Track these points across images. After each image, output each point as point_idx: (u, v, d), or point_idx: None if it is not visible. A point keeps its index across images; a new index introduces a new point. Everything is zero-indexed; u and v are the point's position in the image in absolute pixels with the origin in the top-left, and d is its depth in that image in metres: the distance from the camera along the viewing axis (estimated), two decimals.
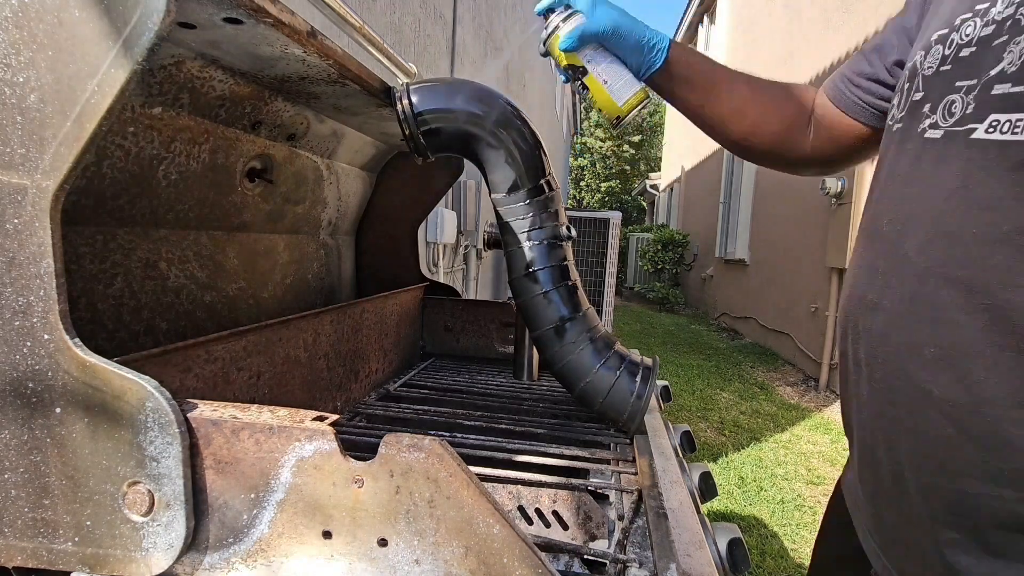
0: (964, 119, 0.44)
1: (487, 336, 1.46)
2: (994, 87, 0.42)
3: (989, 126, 0.42)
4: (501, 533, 0.41)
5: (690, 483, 0.80)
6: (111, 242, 0.69)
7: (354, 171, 1.23)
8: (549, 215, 0.91)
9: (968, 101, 0.44)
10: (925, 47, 0.51)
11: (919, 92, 0.50)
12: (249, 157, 0.87)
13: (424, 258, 2.76)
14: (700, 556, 0.59)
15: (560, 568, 0.59)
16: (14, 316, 0.41)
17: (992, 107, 0.42)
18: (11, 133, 0.40)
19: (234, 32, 0.58)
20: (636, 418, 0.89)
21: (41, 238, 0.40)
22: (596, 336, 0.92)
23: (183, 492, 0.42)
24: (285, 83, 0.77)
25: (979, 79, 0.43)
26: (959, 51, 0.46)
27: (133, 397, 0.42)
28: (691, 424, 3.62)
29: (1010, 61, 0.41)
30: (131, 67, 0.39)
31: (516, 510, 0.70)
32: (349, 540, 0.43)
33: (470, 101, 0.84)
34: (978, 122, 0.43)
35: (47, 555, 0.45)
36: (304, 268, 1.14)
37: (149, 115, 0.68)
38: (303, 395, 0.89)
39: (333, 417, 0.44)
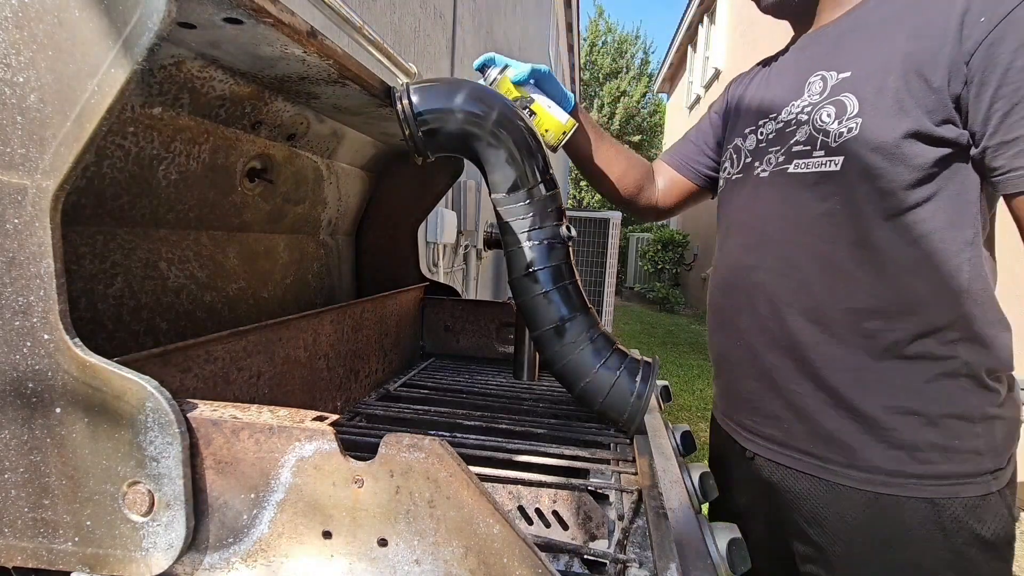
0: (779, 165, 0.80)
1: (487, 336, 1.46)
2: (793, 148, 0.78)
3: (794, 167, 0.78)
4: (501, 533, 0.41)
5: (690, 483, 0.80)
6: (111, 242, 0.69)
7: (354, 171, 1.23)
8: (549, 215, 0.91)
9: (780, 157, 0.80)
10: (741, 136, 0.89)
11: (748, 157, 0.86)
12: (249, 157, 0.87)
13: (424, 258, 2.76)
14: (700, 556, 0.59)
15: (560, 568, 0.59)
16: (14, 316, 0.41)
17: (794, 157, 0.78)
18: (11, 133, 0.40)
19: (234, 32, 0.58)
20: (636, 418, 0.89)
21: (41, 238, 0.40)
22: (596, 336, 0.92)
23: (183, 492, 0.42)
24: (285, 83, 0.77)
25: (783, 146, 0.80)
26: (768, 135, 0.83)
27: (133, 397, 0.42)
28: (691, 424, 3.62)
29: (797, 139, 0.78)
30: (131, 67, 0.39)
31: (516, 510, 0.70)
32: (349, 540, 0.43)
33: (470, 101, 0.84)
34: (788, 165, 0.78)
35: (47, 555, 0.45)
36: (304, 268, 1.14)
37: (149, 115, 0.68)
38: (303, 395, 0.89)
39: (333, 417, 0.44)
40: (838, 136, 0.71)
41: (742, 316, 0.83)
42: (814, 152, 0.74)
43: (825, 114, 0.73)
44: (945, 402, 0.69)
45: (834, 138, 0.72)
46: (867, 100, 0.69)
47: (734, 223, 0.87)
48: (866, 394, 0.72)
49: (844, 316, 0.72)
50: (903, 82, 0.66)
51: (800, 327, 0.75)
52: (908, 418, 0.70)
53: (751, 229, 0.83)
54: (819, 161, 0.73)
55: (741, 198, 0.86)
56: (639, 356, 0.96)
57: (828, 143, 0.72)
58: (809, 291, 0.74)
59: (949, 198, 0.67)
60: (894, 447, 0.70)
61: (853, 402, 0.72)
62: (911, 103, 0.65)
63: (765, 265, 0.80)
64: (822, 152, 0.73)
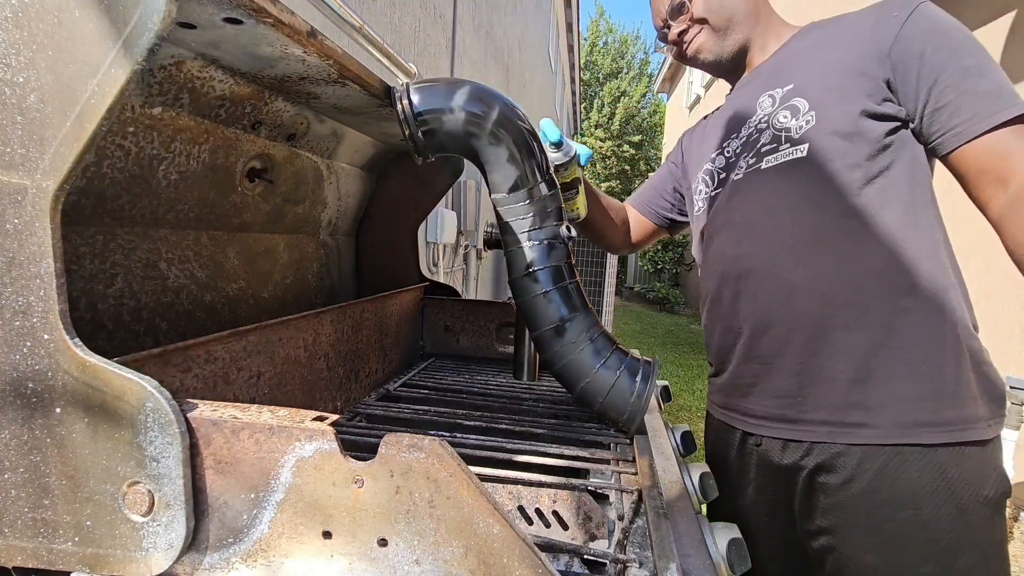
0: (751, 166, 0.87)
1: (487, 336, 1.46)
2: (761, 150, 0.86)
3: (765, 163, 0.85)
4: (501, 533, 0.41)
5: (690, 483, 0.80)
6: (111, 242, 0.69)
7: (354, 171, 1.23)
8: (549, 215, 0.91)
9: (750, 160, 0.87)
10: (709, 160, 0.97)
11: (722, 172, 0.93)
12: (249, 157, 0.87)
13: (424, 258, 2.76)
14: (700, 556, 0.59)
15: (560, 568, 0.59)
16: (14, 316, 0.41)
17: (763, 156, 0.85)
18: (11, 133, 0.40)
19: (234, 32, 0.58)
20: (636, 418, 0.89)
21: (41, 238, 0.40)
22: (596, 336, 0.92)
23: (183, 492, 0.42)
24: (285, 83, 0.77)
25: (750, 151, 0.88)
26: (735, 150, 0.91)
27: (133, 397, 0.42)
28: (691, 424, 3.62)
29: (762, 142, 0.86)
30: (131, 67, 0.39)
31: (516, 510, 0.70)
32: (349, 540, 0.43)
33: (470, 101, 0.84)
34: (759, 163, 0.86)
35: (47, 555, 0.45)
36: (304, 268, 1.14)
37: (149, 115, 0.68)
38: (303, 395, 0.89)
39: (333, 417, 0.44)
40: (798, 129, 0.80)
41: (740, 303, 0.86)
42: (780, 147, 0.83)
43: (782, 116, 0.83)
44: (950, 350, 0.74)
45: (795, 131, 0.81)
46: (815, 98, 0.80)
47: (719, 227, 0.92)
48: (874, 352, 0.75)
49: (841, 284, 0.77)
50: (842, 79, 0.78)
51: (802, 302, 0.79)
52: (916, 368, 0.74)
53: (737, 225, 0.88)
54: (786, 152, 0.82)
55: (721, 205, 0.92)
56: (639, 356, 0.96)
57: (791, 136, 0.81)
58: (804, 267, 0.79)
59: (906, 163, 0.77)
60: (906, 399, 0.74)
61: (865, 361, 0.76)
62: (853, 91, 0.77)
63: (757, 252, 0.84)
64: (788, 145, 0.82)
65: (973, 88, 0.70)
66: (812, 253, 0.79)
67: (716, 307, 0.92)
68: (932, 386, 0.74)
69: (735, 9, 0.91)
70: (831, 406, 0.78)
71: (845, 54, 0.79)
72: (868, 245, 0.76)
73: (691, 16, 0.92)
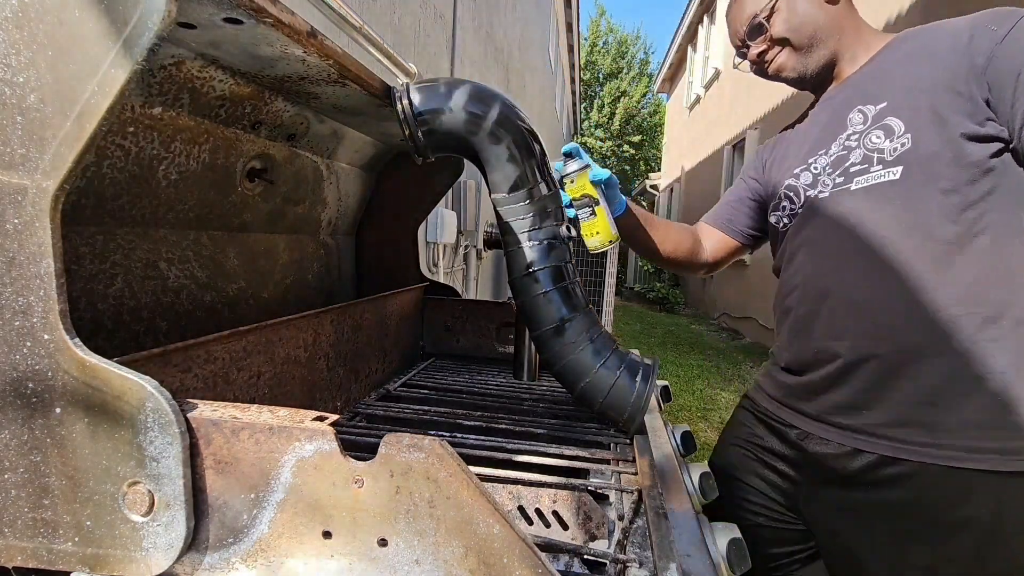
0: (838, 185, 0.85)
1: (487, 336, 1.46)
2: (850, 169, 0.84)
3: (855, 184, 0.83)
4: (501, 533, 0.41)
5: (690, 483, 0.80)
6: (111, 242, 0.69)
7: (354, 171, 1.23)
8: (549, 215, 0.91)
9: (838, 179, 0.85)
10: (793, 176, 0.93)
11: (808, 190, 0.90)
12: (249, 157, 0.87)
13: (424, 258, 2.76)
14: (700, 556, 0.59)
15: (560, 568, 0.59)
16: (14, 316, 0.41)
17: (853, 177, 0.83)
18: (11, 133, 0.40)
19: (234, 32, 0.58)
20: (636, 418, 0.89)
21: (41, 238, 0.40)
22: (596, 336, 0.92)
23: (183, 492, 0.42)
24: (285, 83, 0.77)
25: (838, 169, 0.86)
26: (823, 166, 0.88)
27: (133, 397, 0.42)
28: (691, 424, 3.62)
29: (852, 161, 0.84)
30: (131, 67, 0.39)
31: (516, 510, 0.70)
32: (349, 540, 0.43)
33: (470, 101, 0.84)
34: (848, 184, 0.84)
35: (47, 555, 0.45)
36: (304, 268, 1.14)
37: (149, 115, 0.68)
38: (303, 395, 0.89)
39: (333, 417, 0.44)
40: (892, 151, 0.78)
41: (818, 323, 0.86)
42: (871, 168, 0.80)
43: (874, 136, 0.80)
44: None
45: (889, 153, 0.78)
46: (909, 119, 0.77)
47: (801, 244, 0.91)
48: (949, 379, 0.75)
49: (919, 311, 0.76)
50: (935, 99, 0.75)
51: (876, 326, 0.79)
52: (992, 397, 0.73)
53: (819, 244, 0.87)
54: (878, 174, 0.79)
55: (804, 222, 0.91)
56: (639, 356, 0.96)
57: (884, 158, 0.79)
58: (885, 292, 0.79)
59: (1009, 187, 0.74)
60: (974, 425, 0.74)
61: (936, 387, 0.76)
62: (948, 112, 0.74)
63: (839, 273, 0.84)
64: (880, 167, 0.79)
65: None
66: (894, 278, 0.78)
67: (789, 318, 0.93)
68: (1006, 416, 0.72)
69: (817, 25, 0.87)
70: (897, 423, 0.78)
71: (941, 71, 0.76)
72: (955, 272, 0.74)
73: (771, 36, 0.89)
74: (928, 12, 3.27)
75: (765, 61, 0.92)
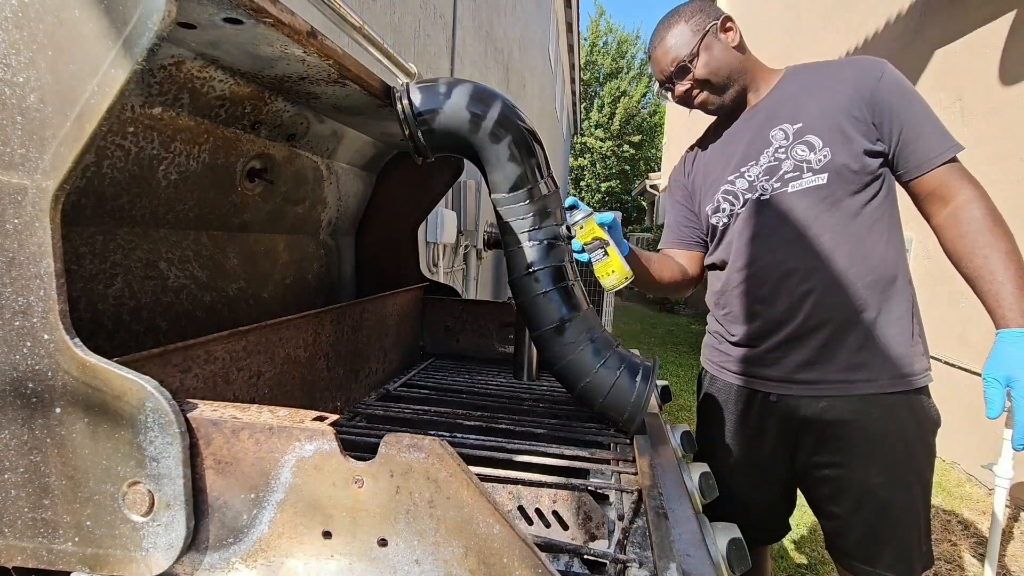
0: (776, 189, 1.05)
1: (487, 336, 1.46)
2: (785, 176, 1.04)
3: (791, 188, 1.03)
4: (501, 533, 0.41)
5: (690, 483, 0.80)
6: (111, 242, 0.69)
7: (354, 171, 1.23)
8: (549, 215, 0.91)
9: (775, 184, 1.05)
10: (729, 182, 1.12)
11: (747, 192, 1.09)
12: (249, 157, 0.87)
13: (424, 258, 2.76)
14: (700, 556, 0.59)
15: (560, 568, 0.59)
16: (14, 316, 0.41)
17: (789, 182, 1.03)
18: (11, 133, 0.40)
19: (234, 32, 0.58)
20: (636, 418, 0.89)
21: (41, 238, 0.40)
22: (596, 336, 0.92)
23: (183, 492, 0.42)
24: (285, 83, 0.77)
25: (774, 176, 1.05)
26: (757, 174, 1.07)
27: (133, 397, 0.42)
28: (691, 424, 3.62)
29: (785, 170, 1.04)
30: (131, 67, 0.39)
31: (516, 510, 0.70)
32: (349, 540, 0.43)
33: (470, 101, 0.84)
34: (786, 188, 1.04)
35: (47, 555, 0.45)
36: (304, 268, 1.14)
37: (149, 115, 0.68)
38: (303, 395, 0.89)
39: (333, 417, 0.44)
40: (818, 162, 1.01)
41: (780, 298, 1.06)
42: (803, 175, 1.03)
43: (800, 150, 1.03)
44: (914, 323, 1.03)
45: (815, 163, 1.01)
46: (826, 137, 1.00)
47: (751, 237, 1.10)
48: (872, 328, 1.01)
49: (854, 279, 1.01)
50: (842, 122, 0.99)
51: (830, 294, 1.02)
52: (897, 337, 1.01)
53: (770, 236, 1.07)
54: (809, 179, 1.02)
55: (749, 219, 1.10)
56: (639, 356, 0.96)
57: (812, 167, 1.02)
58: (831, 268, 1.02)
59: (887, 188, 1.02)
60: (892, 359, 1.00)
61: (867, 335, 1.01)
62: (853, 132, 0.98)
63: (791, 257, 1.04)
64: (810, 174, 1.02)
65: (925, 134, 0.96)
66: (835, 257, 1.01)
67: (748, 299, 1.11)
68: (907, 349, 1.01)
69: (731, 68, 1.07)
70: (844, 369, 1.02)
71: (838, 100, 1.00)
72: (867, 249, 1.01)
73: (694, 78, 1.07)
74: (927, 11, 3.27)
75: (691, 97, 1.11)
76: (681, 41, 1.06)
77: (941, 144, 0.96)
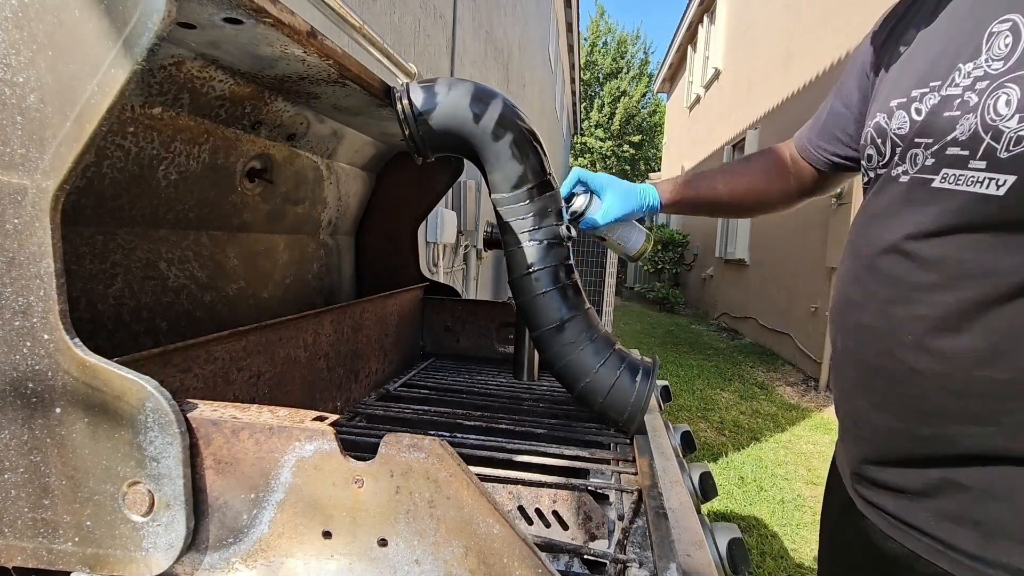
0: (921, 171, 0.57)
1: (487, 336, 1.46)
2: (947, 149, 0.54)
3: (940, 179, 0.54)
4: (501, 533, 0.41)
5: (690, 483, 0.80)
6: (111, 242, 0.69)
7: (354, 171, 1.23)
8: (549, 215, 0.91)
9: (928, 159, 0.56)
10: (887, 112, 0.63)
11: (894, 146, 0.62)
12: (249, 157, 0.87)
13: (424, 258, 2.76)
14: (700, 556, 0.59)
15: (560, 568, 0.59)
16: (14, 316, 0.41)
17: (943, 165, 0.54)
18: (11, 133, 0.40)
19: (234, 32, 0.58)
20: (636, 418, 0.89)
21: (41, 238, 0.40)
22: (596, 336, 0.92)
23: (183, 492, 0.42)
24: (285, 83, 0.77)
25: (937, 140, 0.55)
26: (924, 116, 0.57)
27: (133, 397, 0.42)
28: (691, 424, 3.62)
29: (956, 135, 0.53)
30: (131, 67, 0.39)
31: (516, 510, 0.70)
32: (349, 540, 0.43)
33: (470, 101, 0.84)
34: (934, 176, 0.55)
35: (47, 555, 0.45)
36: (304, 268, 1.14)
37: (149, 115, 0.68)
38: (303, 395, 0.89)
39: (333, 417, 0.44)
40: (1013, 143, 0.47)
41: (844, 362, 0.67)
42: (971, 162, 0.51)
43: (1004, 100, 0.48)
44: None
45: (1007, 145, 0.48)
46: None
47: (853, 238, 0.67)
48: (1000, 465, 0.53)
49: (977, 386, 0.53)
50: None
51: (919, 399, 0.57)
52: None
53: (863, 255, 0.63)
54: (974, 178, 0.50)
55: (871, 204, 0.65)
56: (639, 356, 0.96)
57: (995, 151, 0.49)
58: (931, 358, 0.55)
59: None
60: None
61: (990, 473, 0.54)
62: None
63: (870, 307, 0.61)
64: (983, 163, 0.50)
65: None
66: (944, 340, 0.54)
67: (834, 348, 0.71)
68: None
69: None
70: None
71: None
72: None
73: None
74: None
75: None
76: None
77: None
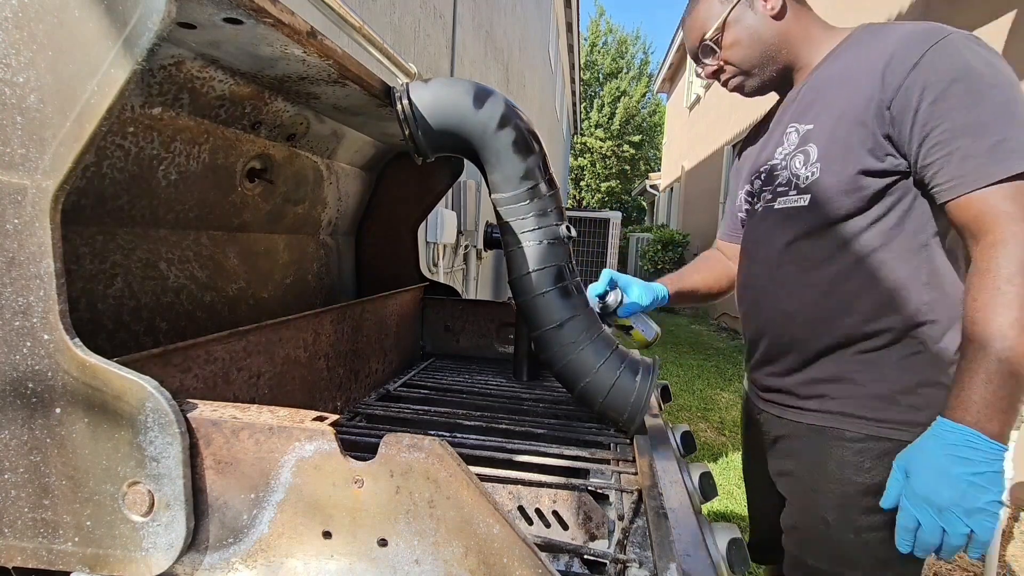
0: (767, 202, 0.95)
1: (487, 336, 1.46)
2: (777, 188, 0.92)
3: (778, 204, 0.92)
4: (501, 533, 0.41)
5: (690, 483, 0.80)
6: (111, 242, 0.69)
7: (354, 171, 1.23)
8: (549, 215, 0.91)
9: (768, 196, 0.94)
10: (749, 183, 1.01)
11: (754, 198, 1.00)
12: (249, 157, 0.87)
13: (424, 258, 2.76)
14: (700, 556, 0.59)
15: (560, 568, 0.59)
16: (14, 316, 0.41)
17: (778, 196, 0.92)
18: (11, 133, 0.40)
19: (234, 32, 0.58)
20: (636, 418, 0.89)
21: (41, 238, 0.40)
22: (596, 336, 0.92)
23: (183, 492, 0.42)
24: (285, 83, 0.77)
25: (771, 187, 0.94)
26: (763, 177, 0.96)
27: (133, 397, 0.42)
28: (691, 424, 3.62)
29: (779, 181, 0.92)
30: (131, 67, 0.39)
31: (516, 510, 0.70)
32: (349, 540, 0.43)
33: (470, 101, 0.84)
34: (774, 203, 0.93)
35: (47, 555, 0.45)
36: (304, 268, 1.14)
37: (149, 115, 0.68)
38: (303, 395, 0.89)
39: (333, 417, 0.44)
40: (805, 179, 0.86)
41: (750, 319, 1.00)
42: (789, 192, 0.89)
43: (798, 161, 0.88)
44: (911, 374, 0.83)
45: (803, 180, 0.86)
46: (823, 148, 0.83)
47: (744, 247, 1.04)
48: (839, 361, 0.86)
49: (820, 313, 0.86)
50: (847, 130, 0.80)
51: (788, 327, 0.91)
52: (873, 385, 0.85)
53: (749, 252, 0.99)
54: (793, 198, 0.88)
55: (748, 229, 1.02)
56: (639, 356, 0.96)
57: (799, 184, 0.87)
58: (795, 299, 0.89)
59: (899, 215, 0.80)
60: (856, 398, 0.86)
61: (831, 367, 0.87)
62: (856, 144, 0.79)
63: (758, 282, 0.95)
64: (795, 192, 0.88)
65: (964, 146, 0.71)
66: (801, 287, 0.88)
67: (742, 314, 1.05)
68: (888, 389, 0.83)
69: (765, 44, 0.89)
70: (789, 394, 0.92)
71: (856, 100, 0.79)
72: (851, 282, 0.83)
73: (722, 59, 0.92)
74: (928, 11, 3.26)
75: (720, 79, 0.95)
76: (708, 13, 0.90)
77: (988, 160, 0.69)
